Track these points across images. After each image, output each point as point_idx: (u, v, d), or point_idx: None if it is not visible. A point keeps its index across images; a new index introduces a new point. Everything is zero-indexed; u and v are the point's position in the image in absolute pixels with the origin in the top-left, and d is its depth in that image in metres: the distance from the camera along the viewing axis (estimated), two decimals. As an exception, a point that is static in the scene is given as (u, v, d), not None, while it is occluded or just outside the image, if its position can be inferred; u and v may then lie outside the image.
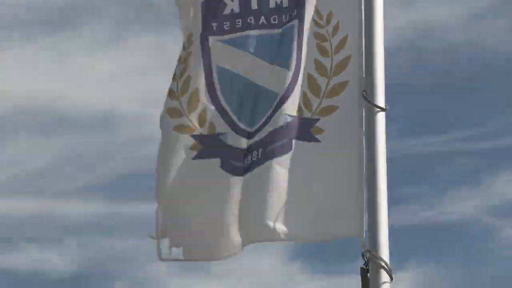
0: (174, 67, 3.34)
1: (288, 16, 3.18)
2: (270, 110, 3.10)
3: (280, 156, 3.04)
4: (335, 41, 3.02)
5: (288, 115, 3.06)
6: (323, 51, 3.02)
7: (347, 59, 3.01)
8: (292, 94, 3.08)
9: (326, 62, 3.03)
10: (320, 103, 3.05)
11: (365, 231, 2.93)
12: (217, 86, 3.23)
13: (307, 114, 3.03)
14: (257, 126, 3.04)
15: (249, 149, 3.07)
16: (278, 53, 3.17)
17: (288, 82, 3.06)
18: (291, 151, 3.04)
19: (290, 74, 3.04)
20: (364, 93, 2.96)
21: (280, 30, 3.18)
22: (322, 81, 3.04)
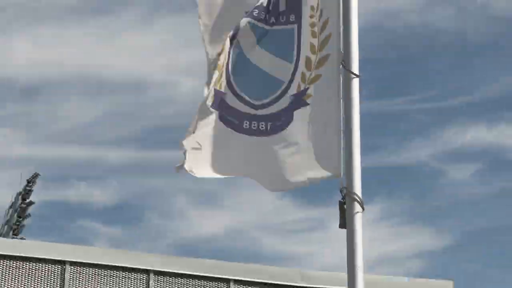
0: (192, 43, 3.42)
1: (284, 18, 3.27)
2: (277, 93, 3.20)
3: (286, 128, 3.17)
4: (320, 23, 3.12)
5: (291, 95, 3.16)
6: (313, 34, 3.13)
7: (328, 37, 3.11)
8: (294, 79, 3.17)
9: (314, 42, 3.13)
10: (311, 75, 3.13)
11: (343, 172, 2.98)
12: (230, 60, 3.31)
13: (303, 87, 3.13)
14: (263, 102, 3.14)
15: (256, 117, 3.19)
16: (281, 49, 3.26)
17: (291, 72, 3.17)
18: (292, 121, 3.15)
19: (292, 66, 3.16)
20: (342, 62, 3.05)
21: (274, 27, 3.29)
22: (313, 58, 3.14)
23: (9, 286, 9.43)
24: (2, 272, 9.44)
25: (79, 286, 9.72)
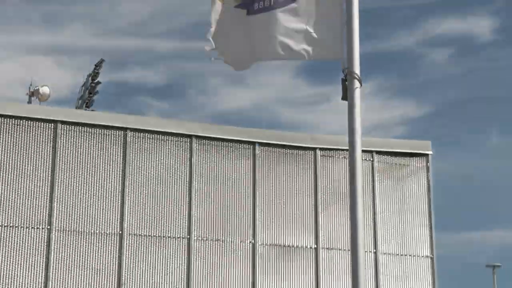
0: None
1: None
2: None
3: (292, 3, 3.09)
4: None
5: None
6: None
7: None
8: None
9: None
10: None
11: (345, 55, 3.00)
12: None
13: None
14: None
15: None
16: None
17: None
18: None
19: None
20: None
21: None
22: None
23: (83, 148, 9.97)
24: (78, 137, 9.93)
25: (138, 148, 10.20)
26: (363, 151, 3.05)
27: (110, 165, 10.08)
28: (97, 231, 9.67)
